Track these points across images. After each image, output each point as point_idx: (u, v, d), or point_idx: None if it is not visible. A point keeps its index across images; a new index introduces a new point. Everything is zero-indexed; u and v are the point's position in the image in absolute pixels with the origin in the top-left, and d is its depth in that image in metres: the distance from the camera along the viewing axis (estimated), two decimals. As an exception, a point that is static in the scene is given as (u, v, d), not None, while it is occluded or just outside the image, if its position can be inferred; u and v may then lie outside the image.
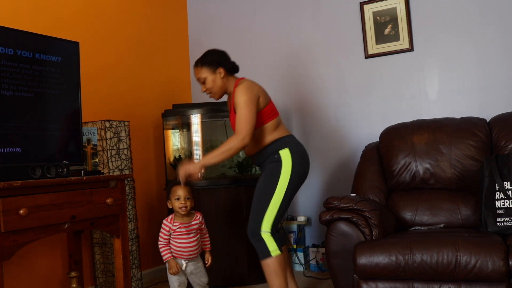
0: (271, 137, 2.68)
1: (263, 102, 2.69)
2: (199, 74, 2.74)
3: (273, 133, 2.69)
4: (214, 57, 2.76)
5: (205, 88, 2.75)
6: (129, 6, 3.81)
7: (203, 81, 2.74)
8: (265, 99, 2.71)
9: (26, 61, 2.45)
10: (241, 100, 2.60)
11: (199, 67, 2.75)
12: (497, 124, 2.93)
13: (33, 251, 2.90)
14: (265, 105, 2.70)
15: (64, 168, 2.47)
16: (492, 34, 3.31)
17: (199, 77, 2.75)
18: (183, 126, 3.74)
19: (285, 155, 2.63)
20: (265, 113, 2.68)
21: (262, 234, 2.55)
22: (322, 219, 2.64)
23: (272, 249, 2.53)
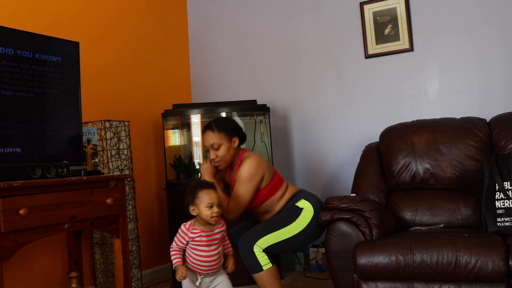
0: (283, 201, 2.68)
1: (269, 177, 2.65)
2: (214, 139, 2.59)
3: (283, 198, 2.68)
4: (231, 124, 2.68)
5: (215, 155, 2.60)
6: (129, 6, 3.81)
7: (217, 147, 2.60)
8: (270, 172, 2.67)
9: (26, 61, 2.45)
10: (244, 176, 2.56)
11: (215, 131, 2.60)
12: (497, 124, 2.93)
13: (33, 251, 2.90)
14: (271, 179, 2.67)
15: (64, 168, 2.47)
16: (492, 34, 3.31)
17: (213, 142, 2.59)
18: (183, 126, 3.74)
19: (303, 203, 2.64)
20: (272, 187, 2.66)
21: (254, 248, 2.45)
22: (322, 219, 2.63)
23: (263, 264, 2.46)
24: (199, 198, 2.32)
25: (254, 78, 4.13)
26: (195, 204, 2.33)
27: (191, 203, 2.35)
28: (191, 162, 3.66)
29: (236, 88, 4.19)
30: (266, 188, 2.65)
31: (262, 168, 2.62)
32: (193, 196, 2.35)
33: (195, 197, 2.33)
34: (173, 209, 3.49)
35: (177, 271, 2.30)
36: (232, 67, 4.23)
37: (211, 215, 2.30)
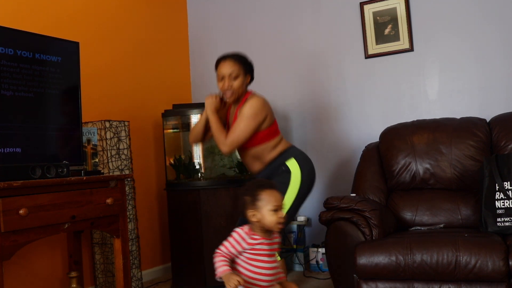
0: (274, 153, 2.66)
1: (269, 121, 2.65)
2: (233, 68, 2.60)
3: (276, 149, 2.66)
4: (248, 62, 2.72)
5: (230, 84, 2.60)
6: (129, 6, 3.81)
7: (235, 76, 2.60)
8: (272, 117, 2.68)
9: (26, 61, 2.45)
10: (249, 112, 2.56)
11: (236, 62, 2.63)
12: (497, 124, 2.93)
13: (33, 251, 2.90)
14: (271, 124, 2.67)
15: (64, 168, 2.47)
16: (492, 34, 3.31)
17: (232, 71, 2.59)
18: (183, 126, 3.74)
19: (293, 165, 2.61)
20: (270, 132, 2.66)
21: None
22: (322, 219, 2.64)
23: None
24: (262, 200, 1.95)
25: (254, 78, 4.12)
26: (257, 208, 1.94)
27: (251, 206, 1.96)
28: (191, 162, 3.66)
29: (236, 88, 4.18)
30: (265, 131, 2.63)
31: (266, 109, 2.63)
32: (253, 198, 1.96)
33: (256, 199, 1.95)
34: (173, 209, 3.49)
35: (229, 279, 1.85)
36: (232, 67, 4.22)
37: (277, 220, 1.93)
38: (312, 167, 2.67)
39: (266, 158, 2.65)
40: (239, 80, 2.63)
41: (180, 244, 3.45)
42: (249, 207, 1.96)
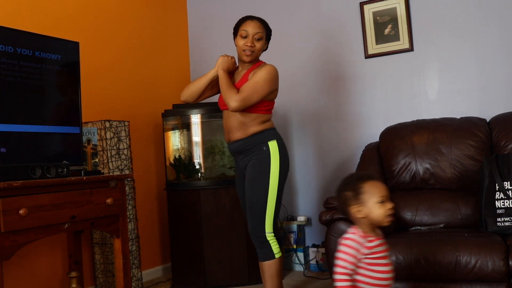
0: (260, 127, 2.60)
1: (275, 95, 2.69)
2: (260, 29, 2.60)
3: (263, 124, 2.62)
4: (270, 29, 2.73)
5: (253, 44, 2.58)
6: (129, 6, 3.81)
7: (259, 37, 2.60)
8: (276, 93, 2.71)
9: (26, 61, 2.45)
10: (266, 76, 2.56)
11: (262, 25, 2.64)
12: (497, 124, 2.93)
13: (33, 251, 2.90)
14: (273, 98, 2.70)
15: (64, 168, 2.47)
16: (492, 34, 3.31)
17: (258, 31, 2.59)
18: (183, 126, 3.74)
19: (274, 147, 2.57)
20: (270, 105, 2.67)
21: (267, 237, 2.51)
22: (322, 219, 2.64)
23: (276, 252, 2.51)
24: (366, 193, 1.77)
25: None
26: (361, 202, 1.77)
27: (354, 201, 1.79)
28: (191, 162, 3.66)
29: (236, 88, 4.18)
30: (267, 102, 2.63)
31: (277, 82, 2.67)
32: (355, 191, 1.79)
33: (359, 192, 1.78)
34: (173, 209, 3.49)
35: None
36: (232, 67, 4.22)
37: (386, 213, 1.75)
38: (288, 156, 2.65)
39: (251, 129, 2.59)
40: (261, 42, 2.63)
41: (180, 244, 3.45)
42: (352, 202, 1.79)
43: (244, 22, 2.63)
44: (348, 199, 1.81)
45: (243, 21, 2.65)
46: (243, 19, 2.66)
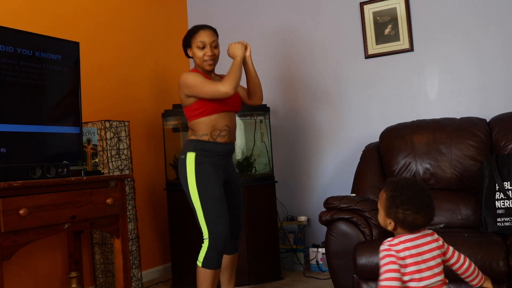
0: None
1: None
2: (214, 37, 2.62)
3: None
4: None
5: (212, 53, 2.59)
6: (129, 6, 3.81)
7: (216, 45, 2.62)
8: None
9: (26, 61, 2.45)
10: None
11: (215, 33, 2.64)
12: (497, 124, 2.93)
13: (33, 251, 2.90)
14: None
15: (64, 168, 2.47)
16: (492, 34, 3.31)
17: (214, 40, 2.61)
18: (183, 126, 3.74)
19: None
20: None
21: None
22: (322, 219, 2.64)
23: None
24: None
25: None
26: (392, 206, 1.71)
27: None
28: (191, 162, 3.66)
29: (236, 88, 4.18)
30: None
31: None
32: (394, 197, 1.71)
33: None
34: (173, 209, 3.49)
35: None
36: (232, 67, 4.22)
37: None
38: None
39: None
40: (218, 49, 2.64)
41: (180, 244, 3.45)
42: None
43: (197, 33, 2.62)
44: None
45: (195, 32, 2.63)
46: (195, 29, 2.65)
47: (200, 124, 2.55)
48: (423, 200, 1.70)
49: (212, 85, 2.46)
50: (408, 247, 1.67)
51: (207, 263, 2.42)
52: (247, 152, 3.64)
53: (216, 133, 2.55)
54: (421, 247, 1.68)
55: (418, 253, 1.67)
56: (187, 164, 2.51)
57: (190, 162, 2.51)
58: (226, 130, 2.58)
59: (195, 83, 2.49)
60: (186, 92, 2.53)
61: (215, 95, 2.45)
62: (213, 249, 2.43)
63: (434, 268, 1.67)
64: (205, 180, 2.50)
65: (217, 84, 2.46)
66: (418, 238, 1.71)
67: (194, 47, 2.61)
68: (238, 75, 2.51)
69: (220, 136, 2.55)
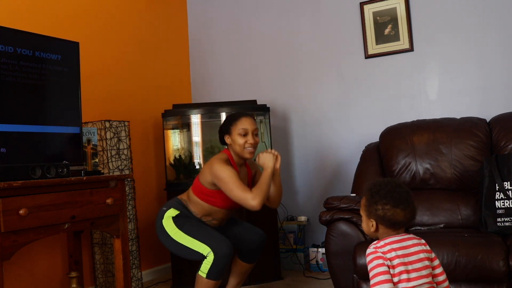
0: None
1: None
2: (255, 125, 2.59)
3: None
4: None
5: (254, 141, 2.55)
6: (129, 6, 3.81)
7: (257, 132, 2.59)
8: None
9: (26, 61, 2.45)
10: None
11: (255, 120, 2.62)
12: (497, 124, 2.93)
13: (33, 251, 2.90)
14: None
15: (64, 168, 2.47)
16: (492, 34, 3.31)
17: (255, 128, 2.58)
18: (183, 126, 3.74)
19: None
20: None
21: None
22: (322, 219, 2.64)
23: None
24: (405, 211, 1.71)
25: (254, 78, 4.13)
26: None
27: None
28: (191, 162, 3.66)
29: (236, 88, 4.19)
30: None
31: None
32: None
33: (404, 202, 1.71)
34: (173, 209, 3.48)
35: None
36: (232, 67, 4.23)
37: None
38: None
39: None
40: (259, 138, 2.62)
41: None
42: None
43: (239, 119, 2.57)
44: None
45: (237, 119, 2.58)
46: (237, 116, 2.59)
47: (199, 206, 2.57)
48: (401, 194, 1.71)
49: (242, 193, 2.39)
50: (394, 248, 1.66)
51: (212, 275, 2.36)
52: (247, 152, 3.64)
53: (208, 218, 2.60)
54: (407, 249, 1.68)
55: (405, 254, 1.66)
56: (166, 215, 2.55)
57: (169, 216, 2.55)
58: (217, 221, 2.62)
59: (227, 180, 2.41)
60: (215, 181, 2.47)
61: (241, 203, 2.41)
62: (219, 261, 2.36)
63: (421, 270, 1.66)
64: (184, 221, 2.52)
65: (247, 193, 2.38)
66: (403, 240, 1.70)
67: (235, 134, 2.54)
68: (268, 189, 2.46)
69: (209, 222, 2.60)
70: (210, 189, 2.52)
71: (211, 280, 2.36)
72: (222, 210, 2.59)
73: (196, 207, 2.58)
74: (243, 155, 2.55)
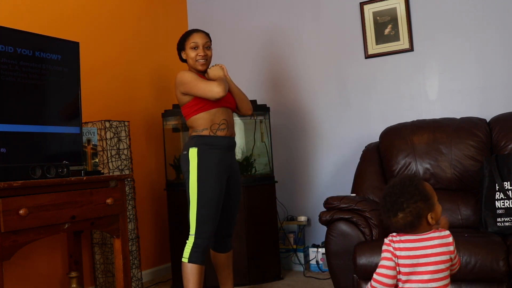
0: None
1: None
2: (207, 39, 2.72)
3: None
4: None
5: (205, 53, 2.68)
6: (129, 6, 3.81)
7: (208, 46, 2.70)
8: None
9: (26, 60, 2.45)
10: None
11: (208, 35, 2.74)
12: (497, 124, 2.93)
13: (33, 251, 2.90)
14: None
15: (64, 168, 2.47)
16: (492, 34, 3.31)
17: (207, 41, 2.70)
18: (183, 126, 3.74)
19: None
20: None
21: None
22: (322, 219, 2.64)
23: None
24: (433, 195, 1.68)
25: (254, 78, 4.13)
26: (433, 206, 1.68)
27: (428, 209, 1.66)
28: (191, 162, 3.66)
29: (236, 88, 4.18)
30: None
31: None
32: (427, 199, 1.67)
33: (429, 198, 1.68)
34: (173, 209, 3.49)
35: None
36: (232, 67, 4.22)
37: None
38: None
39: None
40: (211, 50, 2.73)
41: (180, 244, 3.44)
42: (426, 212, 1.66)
43: (190, 35, 2.71)
44: (423, 209, 1.67)
45: (188, 34, 2.73)
46: (188, 32, 2.74)
47: (199, 120, 2.61)
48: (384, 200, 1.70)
49: (207, 84, 2.54)
50: (407, 248, 1.64)
51: (193, 259, 2.51)
52: (247, 152, 3.64)
53: (215, 127, 2.61)
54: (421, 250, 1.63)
55: (416, 255, 1.62)
56: (190, 159, 2.58)
57: (193, 157, 2.57)
58: (224, 123, 2.64)
59: (190, 79, 2.57)
60: (182, 89, 2.60)
61: (208, 93, 2.53)
62: (198, 246, 2.52)
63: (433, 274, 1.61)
64: (207, 179, 2.55)
65: (211, 83, 2.54)
66: (421, 240, 1.65)
67: (187, 48, 2.70)
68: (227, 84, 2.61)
69: (219, 129, 2.62)
70: (190, 100, 2.61)
71: (193, 264, 2.49)
72: (219, 111, 2.62)
73: (200, 125, 2.61)
74: (196, 67, 2.69)
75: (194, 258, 2.51)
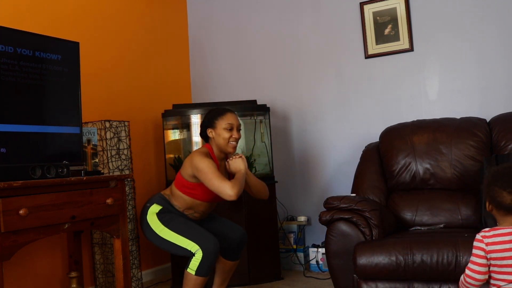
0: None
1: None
2: (239, 122, 2.65)
3: None
4: None
5: (239, 135, 2.62)
6: (129, 6, 3.81)
7: (240, 128, 2.64)
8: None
9: (26, 61, 2.45)
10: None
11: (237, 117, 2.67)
12: (497, 124, 2.93)
13: (33, 251, 2.90)
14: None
15: (64, 168, 2.47)
16: (492, 34, 3.31)
17: (239, 123, 2.64)
18: (183, 126, 3.74)
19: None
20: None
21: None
22: (322, 219, 2.64)
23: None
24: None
25: (254, 78, 4.13)
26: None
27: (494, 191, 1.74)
28: (191, 162, 3.65)
29: (236, 88, 4.19)
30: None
31: None
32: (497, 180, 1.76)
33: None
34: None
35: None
36: (232, 67, 4.23)
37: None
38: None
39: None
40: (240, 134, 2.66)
41: (180, 244, 3.44)
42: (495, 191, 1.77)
43: (225, 114, 2.61)
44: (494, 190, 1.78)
45: (222, 114, 2.62)
46: (223, 111, 2.64)
47: (181, 199, 2.61)
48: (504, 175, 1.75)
49: (221, 183, 2.40)
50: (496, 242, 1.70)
51: (200, 272, 2.41)
52: (247, 152, 3.64)
53: (189, 211, 2.63)
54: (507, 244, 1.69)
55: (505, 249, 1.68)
56: (149, 211, 2.58)
57: (153, 212, 2.58)
58: (199, 214, 2.66)
59: (206, 170, 2.44)
60: (195, 173, 2.50)
61: (220, 192, 2.41)
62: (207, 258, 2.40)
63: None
64: (169, 218, 2.55)
65: (225, 183, 2.40)
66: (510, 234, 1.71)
67: (220, 128, 2.58)
68: (244, 183, 2.51)
69: (191, 215, 2.64)
70: (191, 182, 2.55)
71: (200, 276, 2.42)
72: (203, 203, 2.62)
73: (178, 201, 2.61)
74: (226, 149, 2.60)
75: (202, 271, 2.41)
